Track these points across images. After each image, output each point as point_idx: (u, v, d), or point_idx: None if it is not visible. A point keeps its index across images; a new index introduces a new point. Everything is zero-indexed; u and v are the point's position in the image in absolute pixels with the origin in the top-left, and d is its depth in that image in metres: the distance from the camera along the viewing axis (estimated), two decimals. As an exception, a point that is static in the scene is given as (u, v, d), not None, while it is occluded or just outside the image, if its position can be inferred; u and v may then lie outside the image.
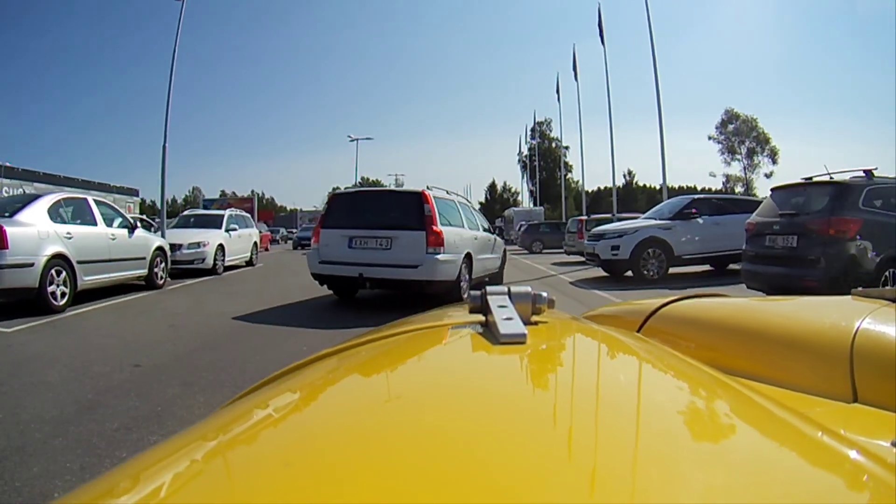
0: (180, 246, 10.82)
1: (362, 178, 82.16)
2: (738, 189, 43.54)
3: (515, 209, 36.08)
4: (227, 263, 11.60)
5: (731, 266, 9.95)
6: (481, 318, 0.51)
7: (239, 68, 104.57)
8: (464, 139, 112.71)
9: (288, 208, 59.54)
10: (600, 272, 10.14)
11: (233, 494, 0.27)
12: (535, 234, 21.63)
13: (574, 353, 0.53)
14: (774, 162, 45.75)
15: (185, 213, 13.72)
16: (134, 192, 34.96)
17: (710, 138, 46.30)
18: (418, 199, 5.80)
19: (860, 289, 0.81)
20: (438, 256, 5.58)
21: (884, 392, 0.55)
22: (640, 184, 76.78)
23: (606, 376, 0.46)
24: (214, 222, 12.14)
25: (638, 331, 0.83)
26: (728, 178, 46.64)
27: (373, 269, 5.71)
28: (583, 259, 14.12)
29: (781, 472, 0.28)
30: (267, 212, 54.33)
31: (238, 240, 12.44)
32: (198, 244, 11.10)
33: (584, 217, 15.29)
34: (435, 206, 5.77)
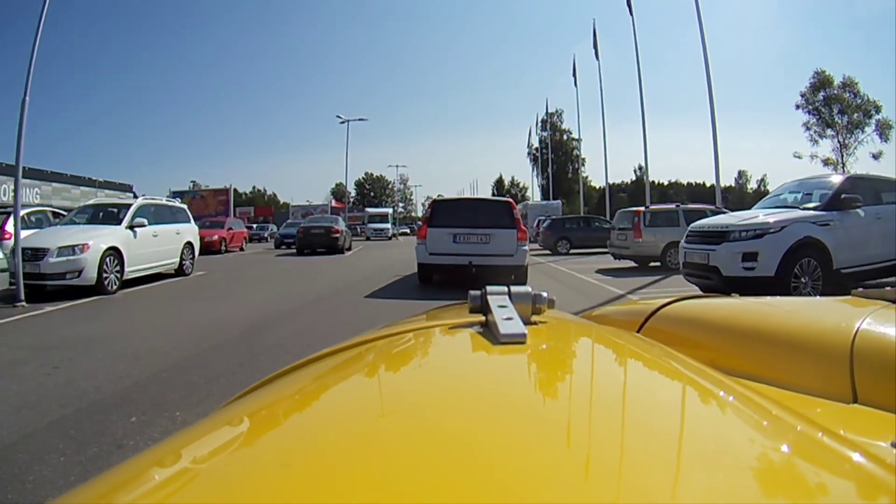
0: (46, 252, 7.63)
1: (366, 174, 78.06)
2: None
3: (529, 203, 32.26)
4: (131, 275, 8.66)
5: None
6: (481, 317, 0.52)
7: (244, 66, 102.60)
8: (470, 134, 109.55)
9: (291, 205, 55.63)
10: (690, 288, 6.82)
11: (232, 495, 0.28)
12: (561, 232, 18.63)
13: (574, 353, 0.54)
14: (885, 138, 33.28)
15: (93, 201, 9.30)
16: (127, 188, 30.81)
17: (797, 107, 35.14)
18: (508, 205, 8.18)
19: (860, 289, 0.83)
20: (525, 248, 7.80)
21: (884, 393, 0.57)
22: (654, 181, 71.71)
23: (606, 376, 0.48)
24: (115, 215, 8.97)
25: (638, 331, 0.83)
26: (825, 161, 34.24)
27: (478, 258, 7.55)
28: (634, 265, 11.77)
29: (781, 473, 0.29)
30: (266, 208, 51.65)
31: (153, 241, 9.36)
32: (72, 248, 7.75)
33: (642, 209, 10.57)
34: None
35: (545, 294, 0.54)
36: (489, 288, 0.53)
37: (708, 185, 76.16)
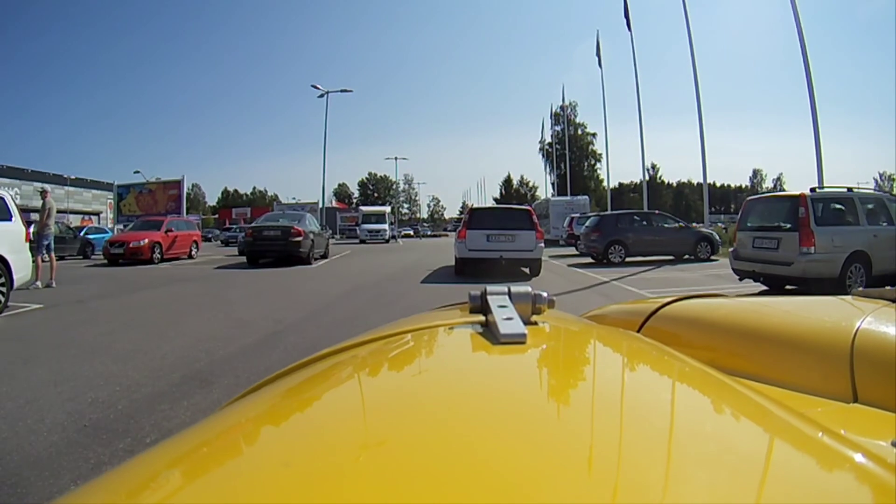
0: None
1: (369, 174, 73.62)
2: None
3: (553, 199, 27.29)
4: None
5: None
6: (481, 318, 0.52)
7: (246, 67, 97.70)
8: (476, 132, 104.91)
9: (275, 204, 51.24)
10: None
11: (232, 495, 0.27)
12: (614, 233, 13.21)
13: (574, 353, 0.54)
14: None
15: None
16: (109, 188, 26.10)
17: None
18: (529, 212, 10.26)
19: (860, 289, 0.80)
20: (541, 245, 9.77)
21: (884, 392, 0.57)
22: (664, 180, 66.53)
23: (607, 376, 0.48)
24: None
25: (638, 331, 0.81)
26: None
27: (506, 252, 9.57)
28: (763, 288, 7.30)
29: (781, 472, 0.29)
30: (265, 209, 47.28)
31: None
32: None
33: (806, 192, 5.68)
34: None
35: (545, 294, 0.53)
36: (489, 288, 0.52)
37: (718, 184, 71.67)
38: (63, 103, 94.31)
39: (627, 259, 12.70)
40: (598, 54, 29.49)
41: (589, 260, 13.41)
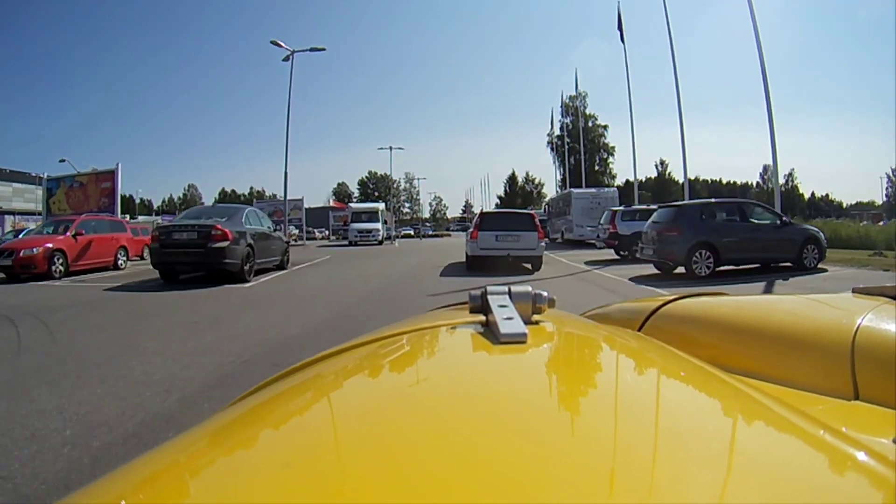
0: None
1: (370, 172, 69.79)
2: None
3: (576, 192, 23.11)
4: None
5: None
6: (482, 317, 0.51)
7: (246, 66, 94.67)
8: (481, 129, 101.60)
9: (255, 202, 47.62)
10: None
11: (233, 495, 0.27)
12: (700, 232, 9.13)
13: (575, 352, 0.53)
14: None
15: None
16: (37, 180, 22.50)
17: None
18: (532, 216, 11.86)
19: (861, 286, 0.79)
20: (542, 244, 11.40)
21: (885, 389, 0.56)
22: (673, 177, 62.96)
23: (608, 375, 0.48)
24: None
25: (639, 330, 0.81)
26: None
27: (512, 251, 11.08)
28: None
29: (782, 470, 0.28)
30: None
31: None
32: None
33: None
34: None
35: (545, 293, 0.52)
36: (489, 288, 0.52)
37: (724, 181, 68.41)
38: (61, 104, 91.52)
39: (718, 269, 8.73)
40: (619, 28, 25.03)
41: (653, 270, 9.58)
